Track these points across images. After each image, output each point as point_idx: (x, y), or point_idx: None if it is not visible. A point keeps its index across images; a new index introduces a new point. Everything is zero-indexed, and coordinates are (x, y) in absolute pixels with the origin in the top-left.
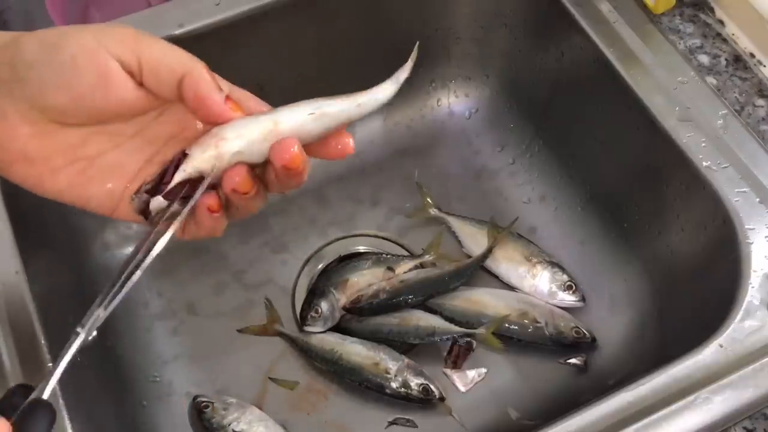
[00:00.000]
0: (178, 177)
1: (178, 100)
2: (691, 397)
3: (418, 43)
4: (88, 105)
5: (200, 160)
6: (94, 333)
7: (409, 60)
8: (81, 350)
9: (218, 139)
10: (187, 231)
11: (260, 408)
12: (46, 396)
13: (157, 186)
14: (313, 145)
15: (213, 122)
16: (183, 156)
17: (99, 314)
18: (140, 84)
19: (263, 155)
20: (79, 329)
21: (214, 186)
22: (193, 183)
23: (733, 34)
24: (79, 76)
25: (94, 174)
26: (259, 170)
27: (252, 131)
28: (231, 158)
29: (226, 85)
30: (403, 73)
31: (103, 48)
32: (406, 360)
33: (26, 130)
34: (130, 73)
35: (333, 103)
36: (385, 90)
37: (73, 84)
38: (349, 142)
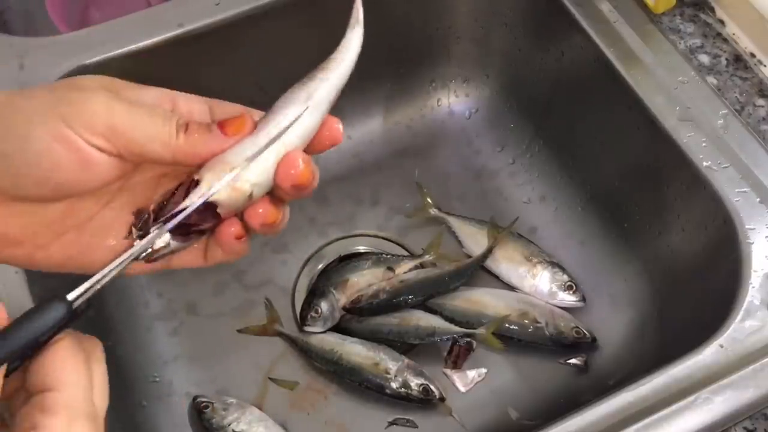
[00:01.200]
0: (189, 208)
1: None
2: (691, 398)
3: None
4: (69, 190)
5: (215, 191)
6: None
7: None
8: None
9: (230, 168)
10: (210, 257)
11: (260, 408)
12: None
13: (157, 215)
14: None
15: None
16: (193, 183)
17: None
18: (121, 157)
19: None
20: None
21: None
22: (201, 213)
23: (733, 34)
24: (57, 169)
25: (89, 240)
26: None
27: (267, 159)
28: (248, 190)
29: (204, 104)
30: (359, 12)
31: (78, 135)
32: (406, 360)
33: (3, 212)
34: (109, 153)
35: (319, 85)
36: (355, 38)
37: (52, 176)
38: (338, 127)
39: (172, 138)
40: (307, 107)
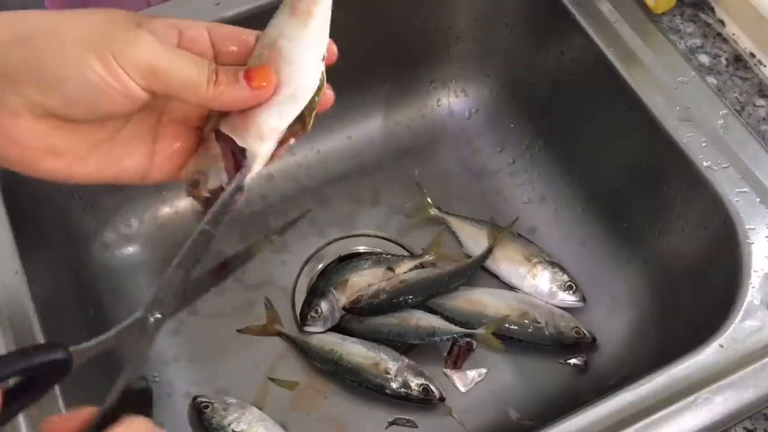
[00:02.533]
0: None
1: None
2: (691, 398)
3: None
4: (108, 114)
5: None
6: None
7: None
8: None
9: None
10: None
11: (260, 408)
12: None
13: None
14: None
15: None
16: (238, 151)
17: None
18: (155, 94)
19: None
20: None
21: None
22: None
23: (733, 34)
24: (107, 98)
25: (118, 151)
26: None
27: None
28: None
29: (204, 29)
30: None
31: (126, 73)
32: (406, 360)
33: (46, 126)
34: (147, 90)
35: (317, 25)
36: None
37: (101, 103)
38: (329, 95)
39: (202, 87)
40: (324, 56)
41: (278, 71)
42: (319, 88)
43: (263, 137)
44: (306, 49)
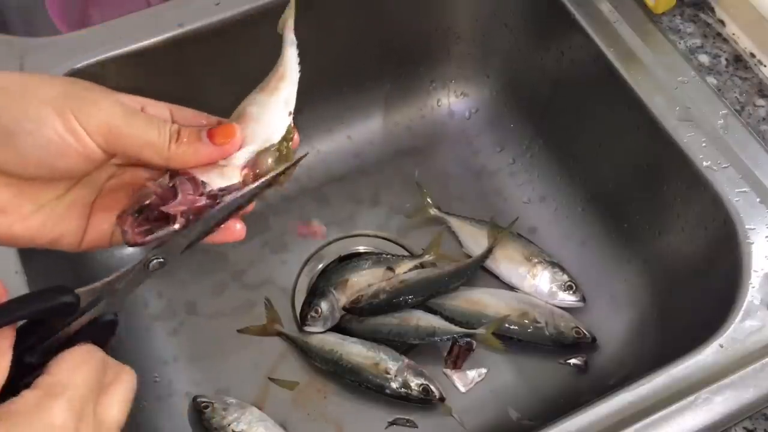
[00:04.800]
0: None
1: None
2: (691, 398)
3: None
4: (63, 175)
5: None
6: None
7: (289, 7)
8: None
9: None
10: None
11: (260, 408)
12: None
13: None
14: None
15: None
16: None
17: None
18: (115, 156)
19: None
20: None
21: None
22: (212, 196)
23: (733, 34)
24: (63, 156)
25: (62, 212)
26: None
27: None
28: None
29: (166, 109)
30: (290, 32)
31: (86, 132)
32: (406, 360)
33: None
34: (106, 152)
35: (291, 90)
36: (294, 53)
37: (55, 161)
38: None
39: (165, 146)
40: (290, 112)
41: (245, 130)
42: (286, 139)
43: (224, 175)
44: (272, 107)
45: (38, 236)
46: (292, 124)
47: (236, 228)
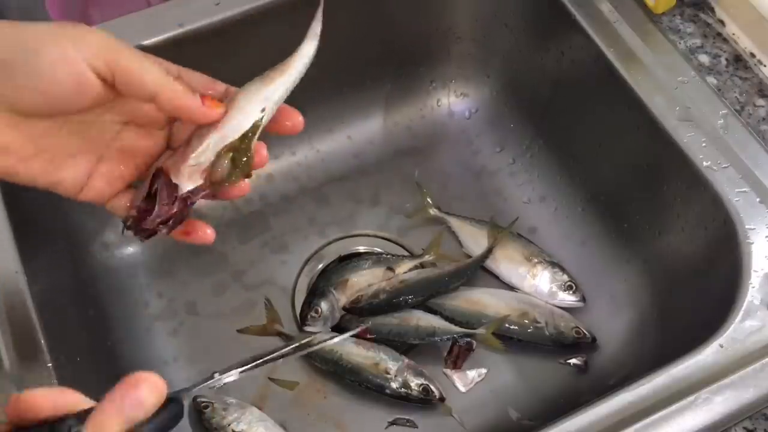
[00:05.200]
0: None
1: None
2: (691, 398)
3: None
4: (59, 106)
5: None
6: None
7: (319, 10)
8: (81, 351)
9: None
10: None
11: (260, 408)
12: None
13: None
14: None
15: (197, 123)
16: (159, 173)
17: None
18: (111, 86)
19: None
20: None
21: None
22: (183, 200)
23: (733, 34)
24: (57, 83)
25: (61, 161)
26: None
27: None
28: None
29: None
30: (317, 26)
31: (81, 58)
32: (406, 360)
33: (1, 122)
34: (104, 81)
35: (274, 88)
36: (310, 49)
37: (50, 89)
38: (300, 119)
39: (163, 76)
40: (264, 109)
41: (228, 113)
42: (248, 135)
43: (192, 176)
44: (251, 96)
45: (39, 178)
46: (261, 126)
47: (206, 232)
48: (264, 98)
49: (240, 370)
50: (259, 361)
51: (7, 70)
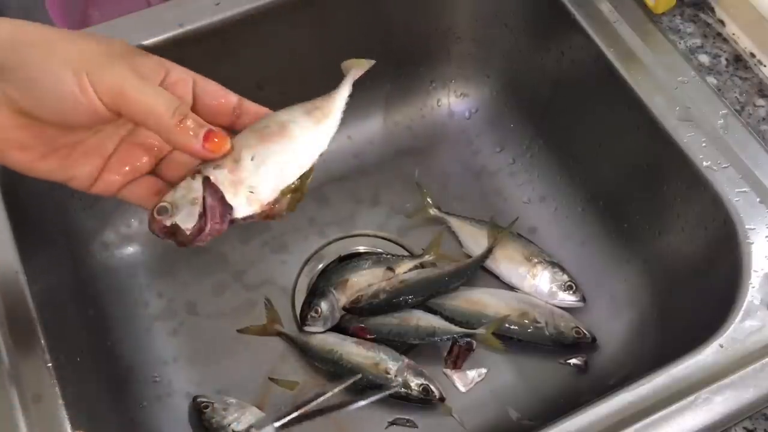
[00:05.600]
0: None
1: None
2: (691, 398)
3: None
4: (71, 122)
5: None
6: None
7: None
8: (81, 351)
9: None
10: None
11: (260, 408)
12: None
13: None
14: None
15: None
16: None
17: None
18: (119, 116)
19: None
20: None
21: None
22: (231, 221)
23: (733, 34)
24: (73, 108)
25: (77, 158)
26: None
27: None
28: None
29: (189, 77)
30: (357, 73)
31: (96, 92)
32: (406, 360)
33: (18, 121)
34: (112, 111)
35: (326, 132)
36: (347, 90)
37: (66, 110)
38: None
39: (169, 123)
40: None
41: (276, 144)
42: (306, 176)
43: (250, 203)
44: (311, 138)
45: (54, 174)
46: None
47: None
48: (321, 144)
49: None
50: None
51: (32, 88)
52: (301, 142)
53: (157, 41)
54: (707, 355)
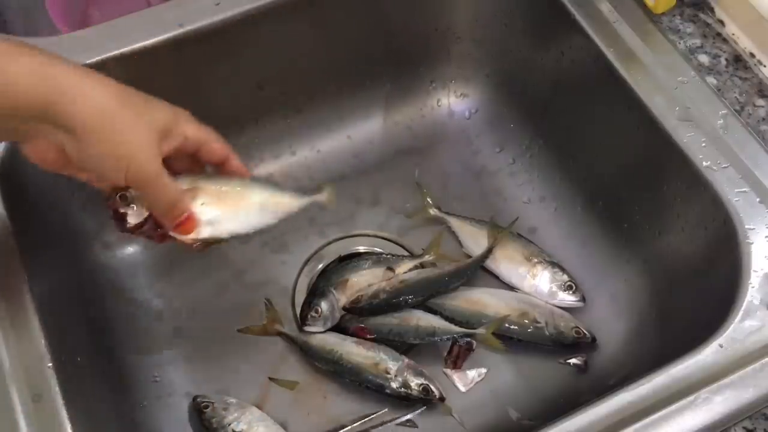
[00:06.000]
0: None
1: None
2: (691, 397)
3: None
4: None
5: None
6: None
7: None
8: (81, 351)
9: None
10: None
11: (260, 408)
12: None
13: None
14: None
15: None
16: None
17: None
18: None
19: None
20: None
21: None
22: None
23: (733, 34)
24: (132, 170)
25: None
26: None
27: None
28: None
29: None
30: (317, 198)
31: (156, 154)
32: (406, 360)
33: (54, 154)
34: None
35: (274, 217)
36: (304, 203)
37: (103, 173)
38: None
39: (167, 200)
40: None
41: (226, 208)
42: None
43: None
44: (257, 219)
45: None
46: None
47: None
48: (262, 224)
49: None
50: None
51: (91, 158)
52: (245, 216)
53: (157, 41)
54: (707, 355)
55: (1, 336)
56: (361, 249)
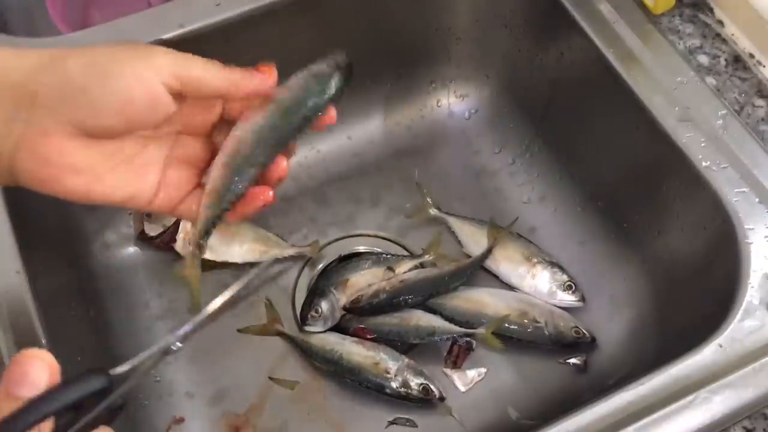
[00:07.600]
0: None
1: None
2: (690, 397)
3: None
4: (134, 124)
5: None
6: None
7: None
8: (82, 351)
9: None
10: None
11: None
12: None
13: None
14: None
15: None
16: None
17: None
18: (179, 99)
19: None
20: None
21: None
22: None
23: (732, 35)
24: (133, 103)
25: (134, 173)
26: None
27: None
28: None
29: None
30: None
31: (155, 76)
32: (406, 360)
33: (72, 144)
34: (173, 90)
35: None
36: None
37: (126, 109)
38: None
39: (225, 76)
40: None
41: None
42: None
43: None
44: (239, 248)
45: (112, 195)
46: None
47: (268, 194)
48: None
49: None
50: None
51: (86, 95)
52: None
53: (157, 42)
54: (706, 354)
55: (1, 336)
56: (361, 249)
